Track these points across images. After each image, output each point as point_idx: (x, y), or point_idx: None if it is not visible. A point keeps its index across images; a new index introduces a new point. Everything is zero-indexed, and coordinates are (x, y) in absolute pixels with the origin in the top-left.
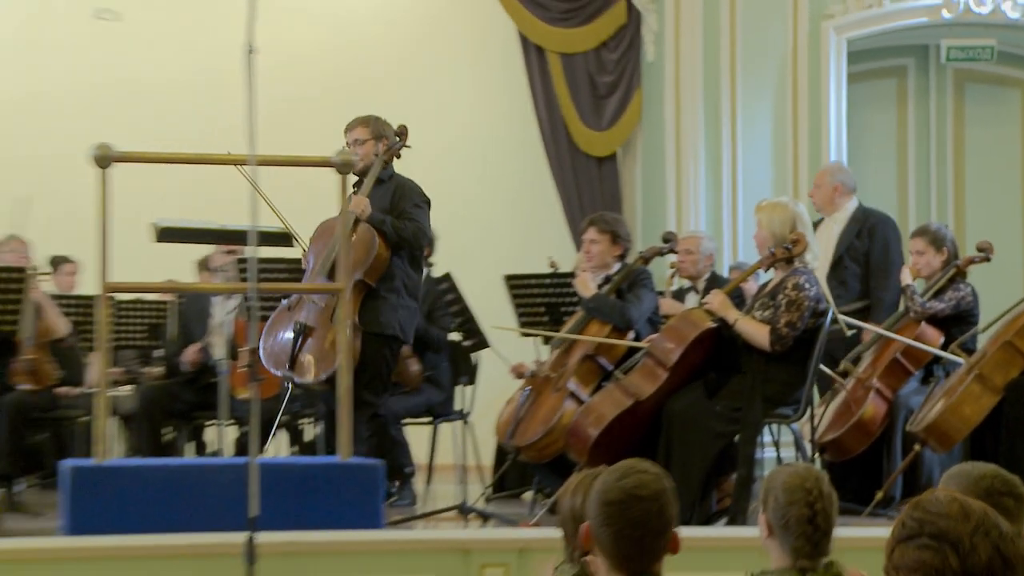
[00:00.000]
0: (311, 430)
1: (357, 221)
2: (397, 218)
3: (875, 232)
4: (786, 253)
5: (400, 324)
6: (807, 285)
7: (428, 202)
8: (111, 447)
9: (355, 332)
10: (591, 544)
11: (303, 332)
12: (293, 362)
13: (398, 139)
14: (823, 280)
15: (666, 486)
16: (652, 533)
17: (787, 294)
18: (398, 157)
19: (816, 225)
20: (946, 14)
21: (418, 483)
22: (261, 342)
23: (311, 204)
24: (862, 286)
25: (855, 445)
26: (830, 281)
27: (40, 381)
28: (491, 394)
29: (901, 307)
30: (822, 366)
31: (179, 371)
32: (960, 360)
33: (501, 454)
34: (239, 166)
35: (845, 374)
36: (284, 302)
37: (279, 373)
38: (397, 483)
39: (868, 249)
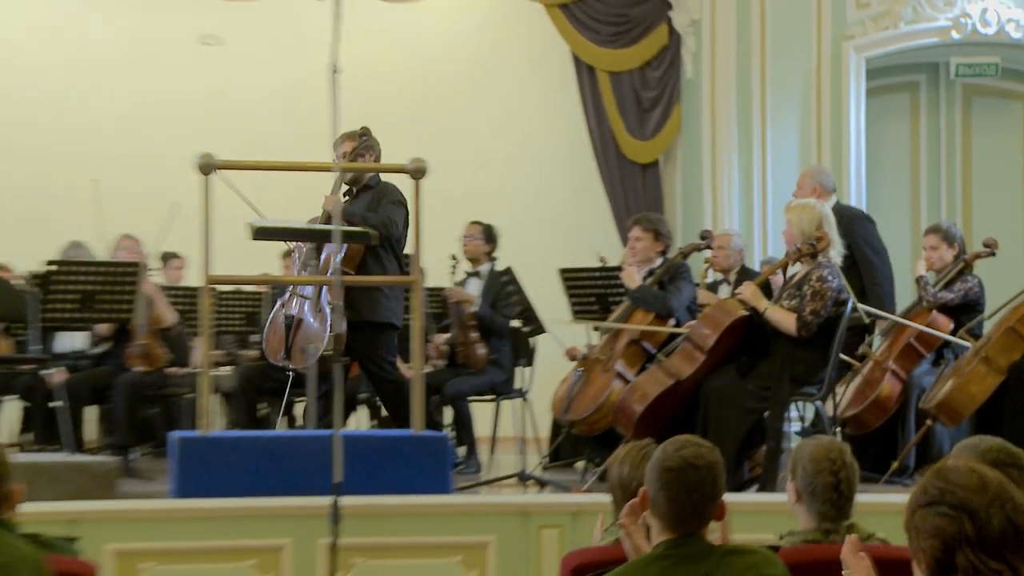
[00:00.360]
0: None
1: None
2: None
3: (851, 228)
4: (811, 249)
5: (393, 312)
6: (830, 277)
7: (403, 202)
8: (213, 421)
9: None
10: (646, 506)
11: (293, 324)
12: (288, 351)
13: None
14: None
15: (718, 459)
16: (704, 499)
17: (812, 285)
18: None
19: None
20: (955, 35)
21: (482, 453)
22: (265, 333)
23: None
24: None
25: (873, 420)
26: None
27: (152, 363)
28: (547, 374)
29: (914, 297)
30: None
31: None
32: (968, 344)
33: (556, 428)
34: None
35: (863, 357)
36: (279, 300)
37: (278, 360)
38: (463, 450)
39: (847, 245)
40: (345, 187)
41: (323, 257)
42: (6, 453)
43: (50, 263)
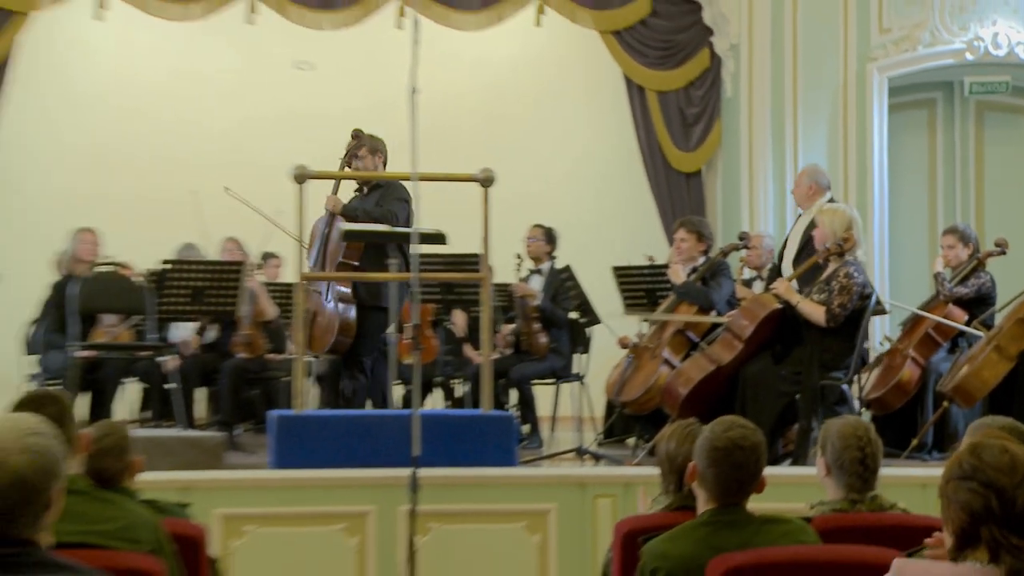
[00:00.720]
0: (460, 388)
1: (335, 216)
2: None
3: None
4: (839, 248)
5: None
6: (856, 274)
7: (407, 199)
8: (306, 401)
9: (348, 306)
10: (694, 479)
11: (311, 317)
12: (310, 340)
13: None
14: (788, 265)
15: (761, 440)
16: (748, 476)
17: (839, 281)
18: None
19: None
20: (969, 56)
21: (544, 431)
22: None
23: (462, 211)
24: (814, 271)
25: (894, 402)
26: (795, 265)
27: (254, 351)
28: (602, 361)
29: (932, 291)
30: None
31: None
32: (981, 334)
33: (610, 408)
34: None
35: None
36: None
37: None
38: (527, 428)
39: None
40: (357, 186)
41: (328, 251)
42: (126, 429)
43: (165, 262)
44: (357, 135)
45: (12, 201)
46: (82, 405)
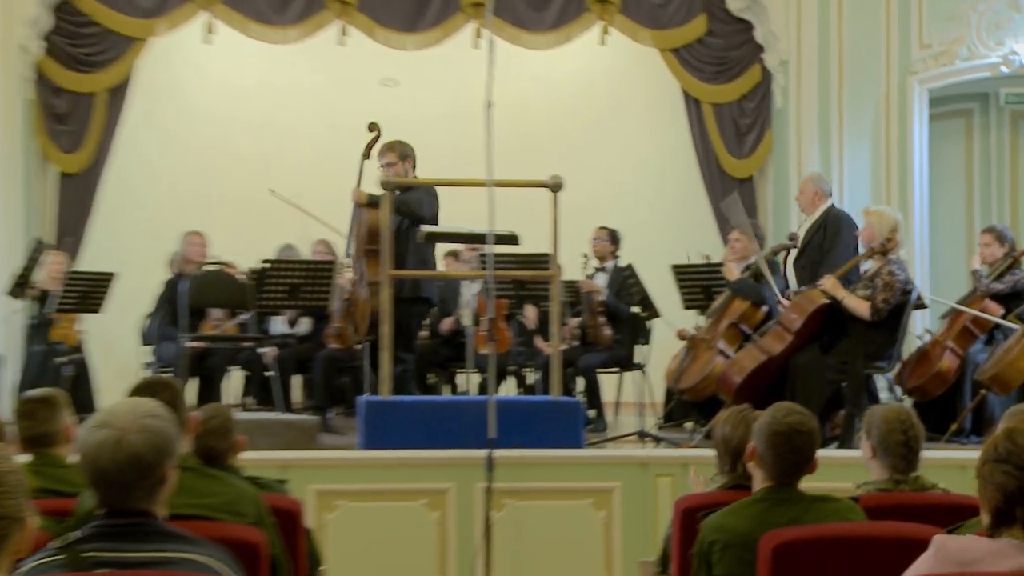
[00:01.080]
0: (531, 376)
1: (366, 207)
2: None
3: (834, 228)
4: (883, 248)
5: (430, 289)
6: (898, 272)
7: (435, 194)
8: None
9: (375, 292)
10: (753, 459)
11: (348, 304)
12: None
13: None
14: (791, 265)
15: (816, 426)
16: (803, 458)
17: (883, 278)
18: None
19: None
20: (1004, 69)
21: (608, 415)
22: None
23: (533, 214)
24: (813, 272)
25: (934, 390)
26: (796, 265)
27: (344, 341)
28: (661, 351)
29: (970, 287)
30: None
31: (439, 334)
32: (1016, 327)
33: (669, 394)
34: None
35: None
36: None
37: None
38: (593, 413)
39: (822, 241)
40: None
41: (358, 237)
42: (231, 412)
43: (265, 262)
44: (374, 128)
45: (130, 207)
46: (191, 391)
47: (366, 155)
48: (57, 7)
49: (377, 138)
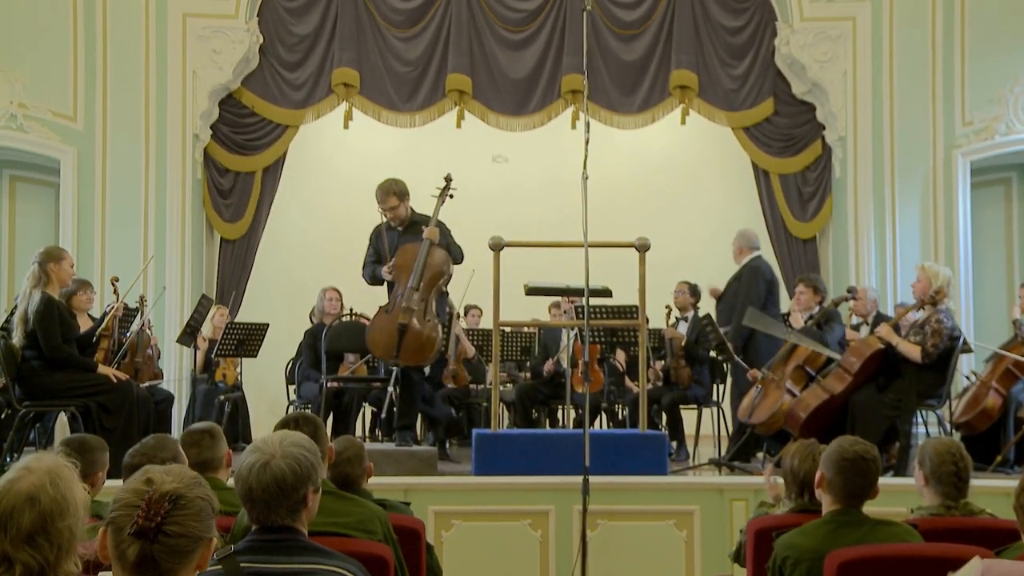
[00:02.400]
0: (621, 412)
1: (432, 245)
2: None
3: (748, 278)
4: (932, 299)
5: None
6: (945, 320)
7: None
8: (501, 422)
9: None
10: (822, 485)
11: (404, 330)
12: (398, 351)
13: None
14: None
15: (878, 455)
16: (868, 483)
17: (932, 326)
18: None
19: None
20: None
21: (689, 446)
22: (368, 337)
23: (621, 272)
24: (729, 314)
25: (981, 425)
26: (717, 308)
27: (459, 382)
28: (736, 390)
29: (1011, 335)
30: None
31: (541, 375)
32: None
33: (742, 428)
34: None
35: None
36: (381, 307)
37: (389, 361)
38: (675, 444)
39: (737, 289)
40: (399, 224)
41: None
42: (362, 443)
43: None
44: (449, 179)
45: (280, 267)
46: (328, 424)
47: (442, 201)
48: (223, 101)
49: (448, 186)
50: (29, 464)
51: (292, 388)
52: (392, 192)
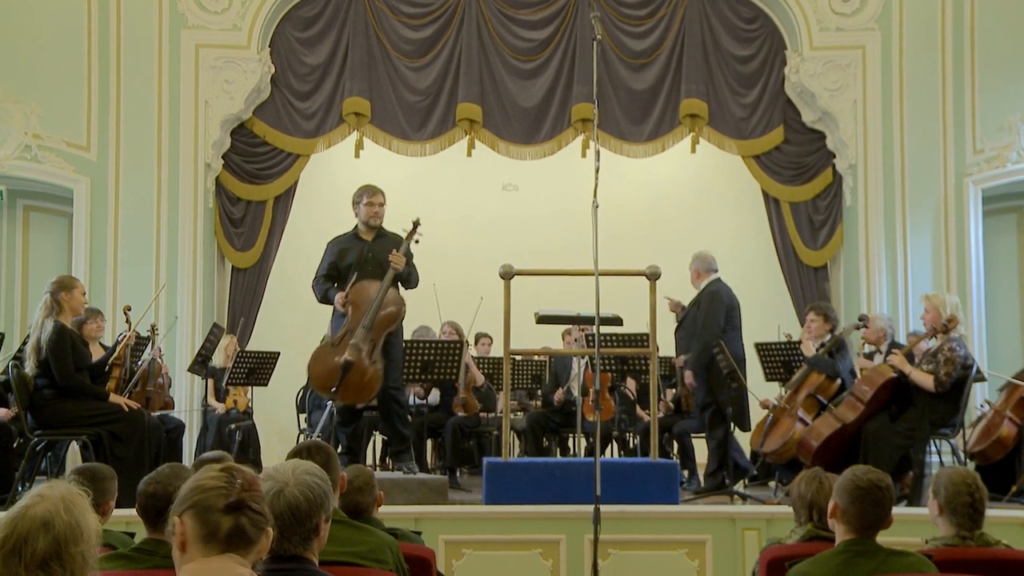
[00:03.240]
0: (632, 440)
1: (390, 286)
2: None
3: (706, 303)
4: (944, 328)
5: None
6: (958, 348)
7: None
8: (512, 450)
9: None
10: (835, 515)
11: (349, 368)
12: (338, 386)
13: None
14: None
15: (891, 483)
16: (882, 511)
17: (944, 354)
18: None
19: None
20: None
21: (700, 475)
22: (309, 367)
23: (632, 300)
24: (689, 340)
25: (995, 455)
26: (676, 335)
27: (468, 410)
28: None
29: None
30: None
31: (551, 404)
32: None
33: (754, 456)
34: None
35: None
36: (327, 338)
37: (326, 394)
38: (686, 473)
39: (696, 313)
40: (373, 232)
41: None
42: (372, 472)
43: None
44: (417, 223)
45: (290, 296)
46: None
47: (408, 242)
48: (235, 130)
49: (415, 229)
50: (42, 491)
51: (303, 416)
52: (381, 190)
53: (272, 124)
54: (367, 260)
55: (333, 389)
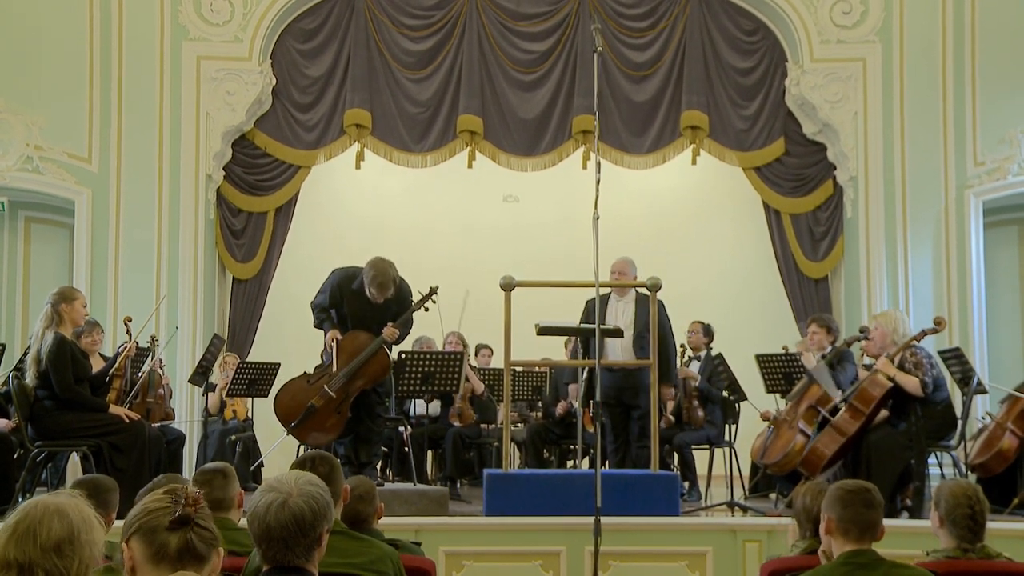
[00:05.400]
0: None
1: (382, 347)
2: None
3: (663, 313)
4: (918, 337)
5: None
6: (919, 351)
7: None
8: (512, 461)
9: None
10: (829, 531)
11: (312, 412)
12: (298, 424)
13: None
14: (630, 347)
15: (877, 489)
16: (876, 515)
17: (911, 362)
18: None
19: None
20: None
21: (701, 487)
22: (278, 395)
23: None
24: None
25: (996, 467)
26: (635, 346)
27: (464, 420)
28: (748, 430)
29: None
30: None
31: (552, 415)
32: None
33: (755, 468)
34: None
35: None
36: (306, 373)
37: (285, 426)
38: (687, 484)
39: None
40: (381, 297)
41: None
42: (374, 483)
43: (401, 353)
44: (434, 291)
45: (292, 304)
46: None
47: (418, 307)
48: (236, 142)
49: (430, 296)
50: (48, 495)
51: None
52: (392, 284)
53: (273, 136)
54: (369, 318)
55: (292, 424)
